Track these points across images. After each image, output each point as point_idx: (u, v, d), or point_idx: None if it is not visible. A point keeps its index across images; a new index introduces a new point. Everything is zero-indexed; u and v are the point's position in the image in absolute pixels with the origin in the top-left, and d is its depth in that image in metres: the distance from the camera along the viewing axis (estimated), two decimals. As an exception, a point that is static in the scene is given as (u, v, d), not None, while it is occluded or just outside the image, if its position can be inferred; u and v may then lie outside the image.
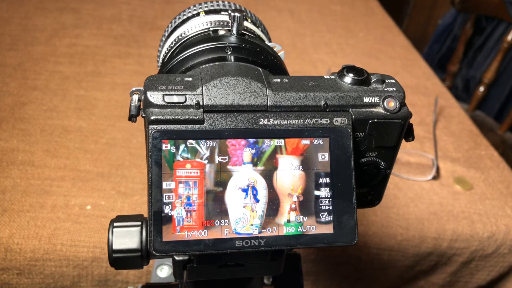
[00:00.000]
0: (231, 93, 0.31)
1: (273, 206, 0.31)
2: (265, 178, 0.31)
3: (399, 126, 0.33)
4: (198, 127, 0.30)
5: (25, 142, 0.78)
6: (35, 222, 0.65)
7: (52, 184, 0.71)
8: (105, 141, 0.82)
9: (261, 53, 0.37)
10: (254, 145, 0.31)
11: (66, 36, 1.10)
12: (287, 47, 1.18)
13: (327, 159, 0.32)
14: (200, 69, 0.34)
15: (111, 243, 0.34)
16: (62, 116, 0.85)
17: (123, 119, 0.87)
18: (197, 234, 0.30)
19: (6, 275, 0.63)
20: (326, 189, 0.32)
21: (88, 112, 0.87)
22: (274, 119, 0.31)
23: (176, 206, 0.30)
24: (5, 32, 1.08)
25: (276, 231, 0.31)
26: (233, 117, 0.31)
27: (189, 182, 0.30)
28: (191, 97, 0.30)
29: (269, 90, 0.32)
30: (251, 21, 0.44)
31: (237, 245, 0.30)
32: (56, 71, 0.98)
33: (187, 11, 0.43)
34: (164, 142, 0.30)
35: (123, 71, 1.00)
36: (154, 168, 0.30)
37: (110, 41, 1.10)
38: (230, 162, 0.31)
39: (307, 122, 0.32)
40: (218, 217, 0.30)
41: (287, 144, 0.32)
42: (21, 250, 0.63)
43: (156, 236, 0.29)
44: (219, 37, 0.38)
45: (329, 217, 0.32)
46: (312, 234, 0.32)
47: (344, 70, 0.34)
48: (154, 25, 1.19)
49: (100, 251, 0.64)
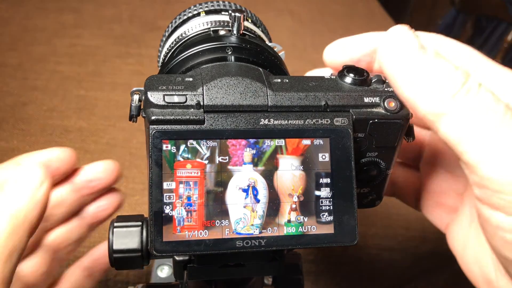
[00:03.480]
0: (231, 93, 0.31)
1: (273, 206, 0.31)
2: (266, 178, 0.31)
3: (400, 126, 0.33)
4: (199, 127, 0.30)
5: (26, 142, 0.78)
6: (35, 222, 0.65)
7: (52, 184, 0.71)
8: (105, 141, 0.82)
9: (262, 53, 0.37)
10: (254, 145, 0.31)
11: (66, 36, 1.10)
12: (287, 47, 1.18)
13: (327, 159, 0.32)
14: (201, 69, 0.34)
15: (111, 243, 0.34)
16: (62, 116, 0.85)
17: (123, 119, 0.87)
18: (197, 234, 0.30)
19: (6, 275, 0.63)
20: (327, 189, 0.32)
21: (88, 112, 0.87)
22: (275, 119, 0.31)
23: (176, 206, 0.30)
24: (5, 32, 1.08)
25: (277, 231, 0.31)
26: (234, 117, 0.31)
27: (190, 182, 0.30)
28: (192, 97, 0.30)
29: (270, 90, 0.32)
30: (251, 21, 0.44)
31: (238, 245, 0.30)
32: (56, 71, 0.98)
33: (188, 11, 0.43)
34: (165, 142, 0.30)
35: (123, 71, 1.00)
36: (154, 168, 0.30)
37: (110, 41, 1.10)
38: (231, 162, 0.31)
39: (307, 122, 0.32)
40: (218, 217, 0.30)
41: (288, 144, 0.32)
42: (21, 250, 0.63)
43: (156, 236, 0.29)
44: (219, 37, 0.38)
45: (329, 217, 0.32)
46: (312, 234, 0.32)
47: (344, 70, 0.34)
48: (155, 25, 1.19)
49: (100, 251, 0.64)
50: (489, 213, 0.28)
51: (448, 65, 0.28)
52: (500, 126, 0.27)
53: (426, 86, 0.28)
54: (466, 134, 0.27)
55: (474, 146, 0.27)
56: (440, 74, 0.28)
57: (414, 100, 0.29)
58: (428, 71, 0.28)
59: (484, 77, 0.33)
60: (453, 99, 0.27)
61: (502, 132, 0.27)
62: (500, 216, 0.28)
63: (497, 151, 0.26)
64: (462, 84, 0.27)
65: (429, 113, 0.28)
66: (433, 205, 0.42)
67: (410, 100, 0.29)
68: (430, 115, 0.28)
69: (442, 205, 0.41)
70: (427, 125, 0.29)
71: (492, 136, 0.27)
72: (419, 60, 0.28)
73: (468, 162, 0.28)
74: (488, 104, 0.27)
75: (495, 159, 0.27)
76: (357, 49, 0.37)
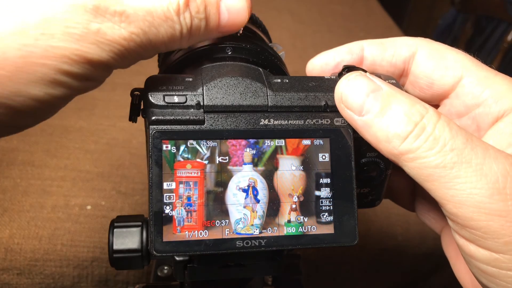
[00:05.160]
0: (231, 93, 0.31)
1: (273, 206, 0.31)
2: (266, 179, 0.31)
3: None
4: (199, 127, 0.30)
5: (25, 142, 0.78)
6: (35, 222, 0.65)
7: (52, 184, 0.71)
8: (105, 141, 0.82)
9: (262, 53, 0.37)
10: (254, 145, 0.31)
11: (66, 36, 1.10)
12: (287, 47, 1.18)
13: (327, 160, 0.32)
14: (201, 69, 0.34)
15: (111, 243, 0.34)
16: (62, 116, 0.85)
17: (123, 119, 0.87)
18: (197, 235, 0.30)
19: (6, 275, 0.63)
20: (327, 189, 0.32)
21: (88, 112, 0.87)
22: (275, 119, 0.31)
23: (176, 206, 0.30)
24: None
25: (277, 231, 0.31)
26: (234, 118, 0.31)
27: (190, 183, 0.30)
28: (192, 97, 0.30)
29: (270, 90, 0.32)
30: (251, 22, 0.44)
31: (238, 246, 0.30)
32: (56, 71, 0.97)
33: (188, 11, 0.43)
34: (165, 142, 0.30)
35: (123, 71, 1.00)
36: (154, 168, 0.30)
37: (110, 41, 1.10)
38: (231, 162, 0.31)
39: (307, 123, 0.32)
40: (218, 217, 0.30)
41: (288, 144, 0.32)
42: (21, 250, 0.63)
43: (156, 237, 0.29)
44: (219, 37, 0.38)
45: (329, 218, 0.32)
46: (312, 235, 0.32)
47: (344, 71, 0.34)
48: (154, 25, 1.19)
49: (100, 251, 0.64)
50: (463, 243, 0.28)
51: (403, 103, 0.28)
52: (459, 164, 0.26)
53: (379, 129, 0.28)
54: (425, 175, 0.27)
55: (434, 187, 0.27)
56: (392, 116, 0.28)
57: (374, 142, 0.29)
58: (379, 114, 0.28)
59: (470, 83, 0.33)
60: (406, 142, 0.27)
61: (460, 171, 0.26)
62: (473, 247, 0.28)
63: (456, 190, 0.26)
64: (414, 124, 0.27)
65: (389, 154, 0.28)
66: (428, 208, 0.42)
67: (371, 142, 0.29)
68: (390, 156, 0.28)
69: (436, 209, 0.41)
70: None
71: (450, 176, 0.26)
72: (368, 106, 0.28)
73: (435, 198, 0.28)
74: (444, 141, 0.27)
75: (456, 199, 0.26)
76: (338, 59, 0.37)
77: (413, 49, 0.35)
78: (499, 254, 0.26)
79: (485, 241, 0.26)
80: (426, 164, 0.27)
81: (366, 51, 0.37)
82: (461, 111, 0.34)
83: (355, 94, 0.29)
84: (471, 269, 0.30)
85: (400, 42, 0.36)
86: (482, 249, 0.27)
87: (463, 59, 0.33)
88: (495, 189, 0.26)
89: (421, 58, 0.35)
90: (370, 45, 0.37)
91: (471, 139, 0.27)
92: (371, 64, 0.37)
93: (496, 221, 0.26)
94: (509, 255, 0.26)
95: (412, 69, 0.36)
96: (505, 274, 0.27)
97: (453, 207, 0.27)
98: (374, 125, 0.28)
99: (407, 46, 0.36)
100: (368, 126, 0.29)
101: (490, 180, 0.26)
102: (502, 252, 0.26)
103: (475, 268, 0.29)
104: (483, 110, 0.32)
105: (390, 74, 0.37)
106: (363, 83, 0.29)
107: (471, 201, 0.26)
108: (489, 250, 0.27)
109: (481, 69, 0.33)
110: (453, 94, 0.34)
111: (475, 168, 0.26)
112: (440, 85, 0.34)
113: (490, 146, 0.27)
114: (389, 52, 0.36)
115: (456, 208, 0.26)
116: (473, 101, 0.33)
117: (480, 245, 0.27)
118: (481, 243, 0.27)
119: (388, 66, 0.37)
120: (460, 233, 0.28)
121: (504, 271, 0.27)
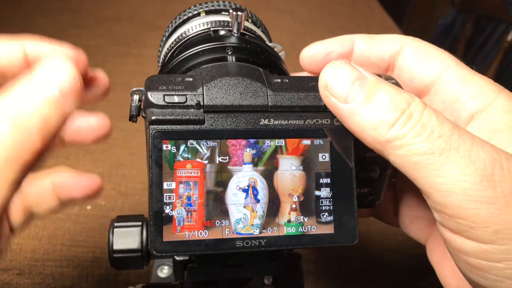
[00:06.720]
0: (231, 93, 0.31)
1: (273, 206, 0.31)
2: (266, 178, 0.31)
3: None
4: (199, 127, 0.30)
5: (25, 142, 0.78)
6: (35, 222, 0.65)
7: (52, 184, 0.71)
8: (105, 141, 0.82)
9: (262, 53, 0.37)
10: (254, 145, 0.31)
11: (66, 36, 1.09)
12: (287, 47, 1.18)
13: (327, 159, 0.32)
14: (201, 69, 0.34)
15: (111, 243, 0.34)
16: (62, 116, 0.85)
17: (123, 119, 0.87)
18: (197, 234, 0.30)
19: (6, 275, 0.63)
20: (327, 189, 0.32)
21: (88, 112, 0.87)
22: (275, 119, 0.31)
23: (176, 206, 0.30)
24: (5, 32, 1.08)
25: (277, 231, 0.31)
26: (234, 117, 0.31)
27: (190, 182, 0.30)
28: (192, 97, 0.30)
29: (270, 90, 0.32)
30: (251, 21, 0.44)
31: (238, 245, 0.30)
32: (56, 71, 0.97)
33: (188, 11, 0.43)
34: (165, 142, 0.30)
35: (123, 71, 1.00)
36: (154, 168, 0.30)
37: (110, 41, 1.10)
38: (231, 162, 0.31)
39: (307, 122, 0.32)
40: (218, 217, 0.30)
41: (288, 144, 0.32)
42: (21, 250, 0.63)
43: (156, 236, 0.29)
44: (219, 37, 0.38)
45: (329, 217, 0.32)
46: (312, 234, 0.32)
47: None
48: (154, 25, 1.19)
49: (100, 251, 0.64)
50: (450, 237, 0.28)
51: (388, 91, 0.28)
52: (448, 150, 0.26)
53: (365, 117, 0.28)
54: (412, 163, 0.27)
55: (421, 175, 0.27)
56: (378, 104, 0.27)
57: (359, 131, 0.29)
58: (364, 101, 0.28)
59: (449, 81, 0.33)
60: (393, 128, 0.27)
61: (448, 157, 0.26)
62: (460, 240, 0.27)
63: (445, 178, 0.26)
64: (401, 111, 0.27)
65: (375, 142, 0.28)
66: (411, 220, 0.41)
67: (356, 131, 0.29)
68: (376, 144, 0.28)
69: (419, 219, 0.40)
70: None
71: (438, 163, 0.26)
72: (354, 93, 0.28)
73: (421, 188, 0.27)
74: (431, 128, 0.26)
75: (444, 187, 0.26)
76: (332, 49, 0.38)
77: (400, 45, 0.36)
78: (487, 245, 0.26)
79: (473, 232, 0.26)
80: (414, 151, 0.26)
81: (357, 44, 0.38)
82: (440, 108, 0.34)
83: (340, 81, 0.29)
84: (459, 266, 0.29)
85: (388, 38, 0.37)
86: (470, 241, 0.26)
87: (446, 58, 0.34)
88: (484, 176, 0.25)
89: (406, 54, 0.36)
90: (361, 38, 0.38)
91: (458, 127, 0.27)
92: (359, 56, 0.38)
93: (485, 209, 0.25)
94: (498, 245, 0.26)
95: (397, 64, 0.37)
96: (494, 266, 0.26)
97: (441, 196, 0.26)
98: (359, 112, 0.28)
99: (394, 42, 0.36)
100: (353, 114, 0.28)
101: (478, 166, 0.25)
102: (491, 242, 0.26)
103: (463, 263, 0.28)
104: (459, 106, 0.33)
105: (376, 67, 0.38)
106: (349, 70, 0.29)
107: (460, 188, 0.25)
108: (478, 241, 0.26)
109: (461, 68, 0.33)
110: (432, 91, 0.35)
111: (463, 155, 0.26)
112: (421, 79, 0.35)
113: (475, 135, 0.27)
114: (377, 46, 0.37)
115: (444, 197, 0.26)
116: (451, 97, 0.33)
117: (468, 237, 0.26)
118: (469, 234, 0.26)
119: (375, 59, 0.37)
120: (447, 225, 0.27)
121: (492, 263, 0.26)
